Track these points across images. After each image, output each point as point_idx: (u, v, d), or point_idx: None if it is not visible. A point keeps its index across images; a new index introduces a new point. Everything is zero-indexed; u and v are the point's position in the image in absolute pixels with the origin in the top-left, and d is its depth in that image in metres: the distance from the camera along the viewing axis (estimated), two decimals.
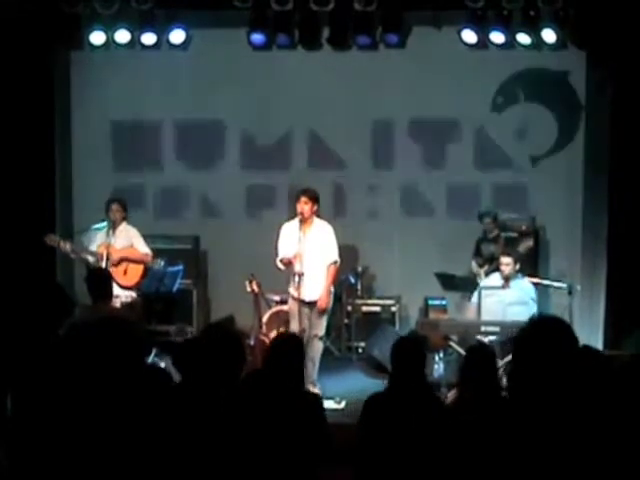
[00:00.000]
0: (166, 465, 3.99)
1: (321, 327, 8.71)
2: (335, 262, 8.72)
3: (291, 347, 5.17)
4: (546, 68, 10.66)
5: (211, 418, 4.20)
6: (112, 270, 8.76)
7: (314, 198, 8.64)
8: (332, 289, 8.82)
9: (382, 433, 5.00)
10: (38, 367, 4.52)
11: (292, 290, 8.68)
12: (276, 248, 8.68)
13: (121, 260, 9.01)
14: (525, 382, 3.57)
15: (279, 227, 8.82)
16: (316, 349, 8.72)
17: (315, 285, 8.60)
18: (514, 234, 10.17)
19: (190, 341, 5.22)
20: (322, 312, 8.63)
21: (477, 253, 10.15)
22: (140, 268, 9.15)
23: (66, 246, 9.01)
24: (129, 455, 3.92)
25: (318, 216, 8.76)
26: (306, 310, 8.59)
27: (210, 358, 4.36)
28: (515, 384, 3.63)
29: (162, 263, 9.28)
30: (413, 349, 5.24)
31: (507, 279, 9.07)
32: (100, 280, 7.32)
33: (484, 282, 9.33)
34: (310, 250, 8.59)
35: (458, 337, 8.95)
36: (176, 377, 4.85)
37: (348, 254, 10.97)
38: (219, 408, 4.26)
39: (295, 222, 8.73)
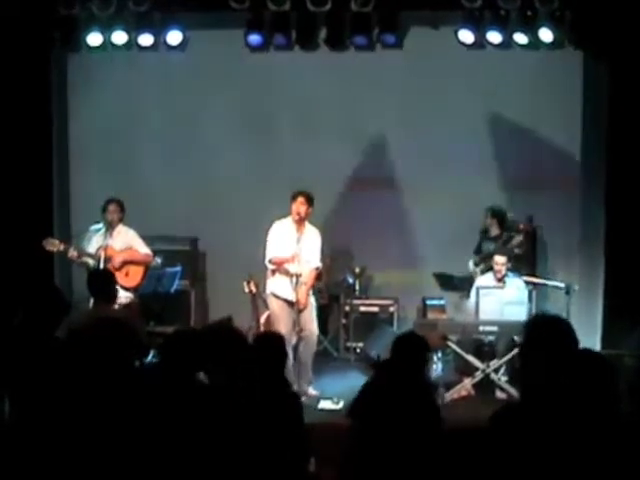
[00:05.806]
0: (153, 465, 4.01)
1: (316, 325, 8.78)
2: (318, 268, 8.82)
3: (272, 347, 5.18)
4: (543, 68, 10.65)
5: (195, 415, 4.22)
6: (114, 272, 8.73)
7: (311, 200, 8.66)
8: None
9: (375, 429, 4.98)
10: (36, 370, 4.52)
11: (281, 291, 8.65)
12: (264, 247, 8.68)
13: (124, 263, 8.97)
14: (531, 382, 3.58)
15: (269, 225, 8.82)
16: (313, 348, 8.74)
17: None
18: (512, 233, 10.16)
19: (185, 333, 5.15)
20: (305, 309, 8.62)
21: (477, 251, 10.13)
22: (141, 269, 9.12)
23: (67, 249, 8.94)
24: (124, 455, 3.93)
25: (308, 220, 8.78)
26: (293, 310, 8.58)
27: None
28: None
29: (159, 261, 9.29)
30: (415, 346, 5.30)
31: (501, 279, 9.09)
32: (103, 281, 7.28)
33: (479, 281, 9.34)
34: (305, 252, 8.61)
35: (456, 337, 8.96)
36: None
37: (346, 254, 11.01)
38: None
39: (287, 222, 8.73)
